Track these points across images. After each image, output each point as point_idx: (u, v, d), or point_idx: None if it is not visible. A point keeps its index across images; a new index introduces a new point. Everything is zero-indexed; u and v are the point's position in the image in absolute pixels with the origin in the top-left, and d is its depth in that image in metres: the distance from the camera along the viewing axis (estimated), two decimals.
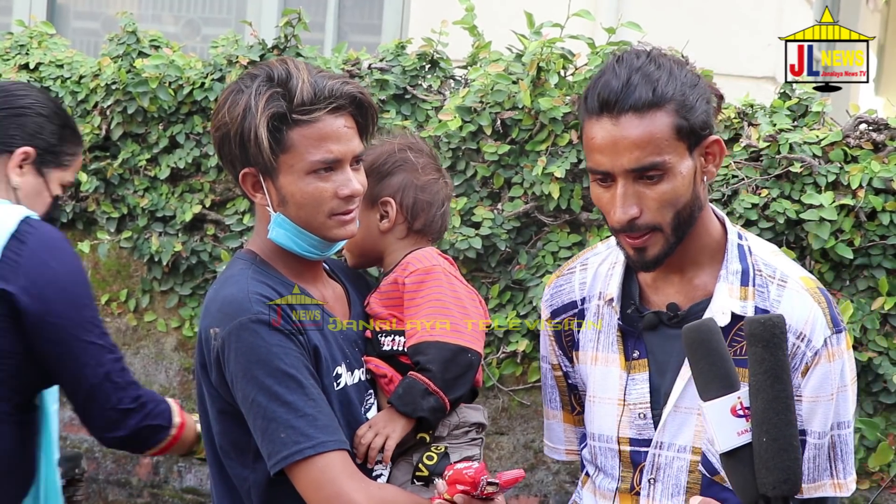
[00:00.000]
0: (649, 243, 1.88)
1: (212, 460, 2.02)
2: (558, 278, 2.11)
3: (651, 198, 1.85)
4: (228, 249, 4.17)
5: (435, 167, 2.20)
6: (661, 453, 1.94)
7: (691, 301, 1.94)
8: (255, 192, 1.99)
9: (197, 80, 4.18)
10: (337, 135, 1.94)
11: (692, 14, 5.42)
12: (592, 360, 2.02)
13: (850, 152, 3.49)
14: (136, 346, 4.45)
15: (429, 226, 2.17)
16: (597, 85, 1.88)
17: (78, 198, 4.40)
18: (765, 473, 1.61)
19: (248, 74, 1.98)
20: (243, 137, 1.93)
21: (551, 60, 3.66)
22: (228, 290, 1.95)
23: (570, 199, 3.72)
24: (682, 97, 1.85)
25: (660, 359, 1.94)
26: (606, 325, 2.00)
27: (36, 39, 4.58)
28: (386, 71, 3.99)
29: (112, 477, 4.49)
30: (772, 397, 1.63)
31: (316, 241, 1.99)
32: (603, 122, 1.85)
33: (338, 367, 2.00)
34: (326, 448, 1.88)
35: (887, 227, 3.43)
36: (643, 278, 1.99)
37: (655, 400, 1.95)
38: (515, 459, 3.91)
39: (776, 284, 1.92)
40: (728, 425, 1.64)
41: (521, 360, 3.84)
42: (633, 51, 1.92)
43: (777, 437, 1.61)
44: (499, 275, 3.83)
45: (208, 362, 1.95)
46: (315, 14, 5.65)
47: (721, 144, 1.91)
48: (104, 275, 4.47)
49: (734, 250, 1.95)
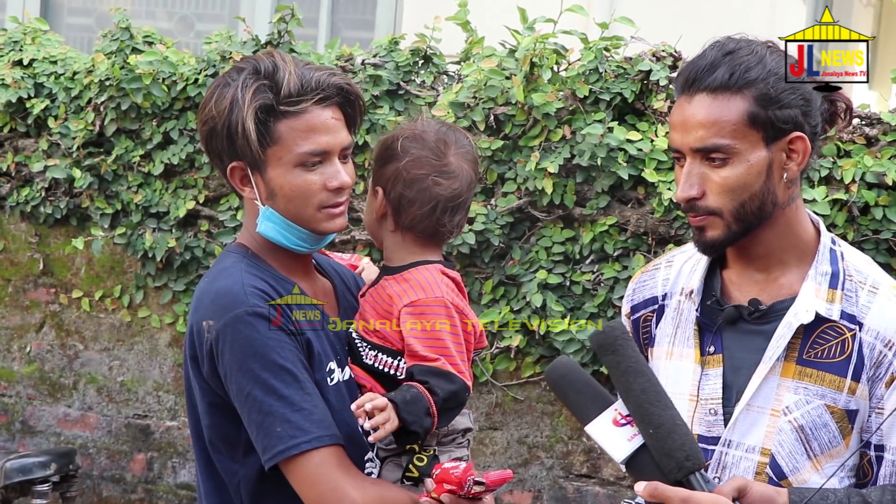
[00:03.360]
0: (707, 224, 1.87)
1: (199, 454, 2.00)
2: (643, 274, 2.09)
3: (714, 181, 1.84)
4: (222, 245, 4.17)
5: (433, 163, 2.03)
6: (728, 452, 1.90)
7: (775, 299, 1.91)
8: (243, 185, 1.97)
9: (190, 77, 4.18)
10: (325, 126, 1.93)
11: (684, 10, 5.43)
12: (667, 356, 1.99)
13: (843, 147, 3.50)
14: (129, 343, 4.45)
15: (416, 225, 2.04)
16: (687, 65, 1.88)
17: (72, 194, 4.40)
18: (666, 461, 1.67)
19: (235, 68, 1.95)
20: (230, 130, 1.91)
21: (544, 56, 3.67)
22: (222, 282, 1.93)
23: (563, 195, 3.73)
24: (766, 86, 1.82)
25: (736, 355, 1.91)
26: (684, 320, 1.97)
27: (29, 36, 4.58)
28: (379, 67, 3.99)
29: (106, 473, 4.50)
30: (640, 391, 1.70)
31: (305, 234, 1.97)
32: (681, 101, 1.87)
33: (330, 362, 1.99)
34: (322, 443, 1.87)
35: (880, 221, 3.43)
36: (727, 275, 1.96)
37: (727, 397, 1.91)
38: (509, 455, 3.91)
39: (867, 291, 1.89)
40: (616, 437, 1.71)
41: (515, 356, 3.84)
42: (736, 36, 1.90)
43: (660, 423, 1.68)
44: (492, 270, 3.83)
45: (200, 355, 1.92)
46: (308, 10, 5.65)
47: (806, 143, 1.86)
48: (98, 271, 4.47)
49: (826, 253, 1.92)
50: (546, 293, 3.73)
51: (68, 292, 4.50)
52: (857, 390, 1.86)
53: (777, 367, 1.87)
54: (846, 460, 1.87)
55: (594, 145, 3.61)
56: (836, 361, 1.86)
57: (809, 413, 1.85)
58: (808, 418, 1.85)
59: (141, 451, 4.44)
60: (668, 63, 3.69)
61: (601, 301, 3.70)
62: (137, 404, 4.45)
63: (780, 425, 1.86)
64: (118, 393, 4.47)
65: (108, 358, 4.48)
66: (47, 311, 4.55)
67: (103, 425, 4.49)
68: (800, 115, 1.85)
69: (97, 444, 4.50)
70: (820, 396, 1.86)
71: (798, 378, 1.87)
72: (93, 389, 4.50)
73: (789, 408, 1.86)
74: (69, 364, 4.53)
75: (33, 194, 4.42)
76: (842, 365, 1.86)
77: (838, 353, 1.86)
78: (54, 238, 4.52)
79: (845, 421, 1.86)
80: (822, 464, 1.87)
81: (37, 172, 4.40)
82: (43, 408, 4.56)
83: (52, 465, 4.07)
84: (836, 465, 1.87)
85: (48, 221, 4.47)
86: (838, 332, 1.87)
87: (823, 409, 1.86)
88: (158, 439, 4.43)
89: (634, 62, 3.68)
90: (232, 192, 4.19)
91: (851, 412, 1.86)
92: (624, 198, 3.72)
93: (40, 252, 4.54)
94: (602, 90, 3.67)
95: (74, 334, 4.52)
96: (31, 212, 4.46)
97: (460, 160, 2.06)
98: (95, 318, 4.48)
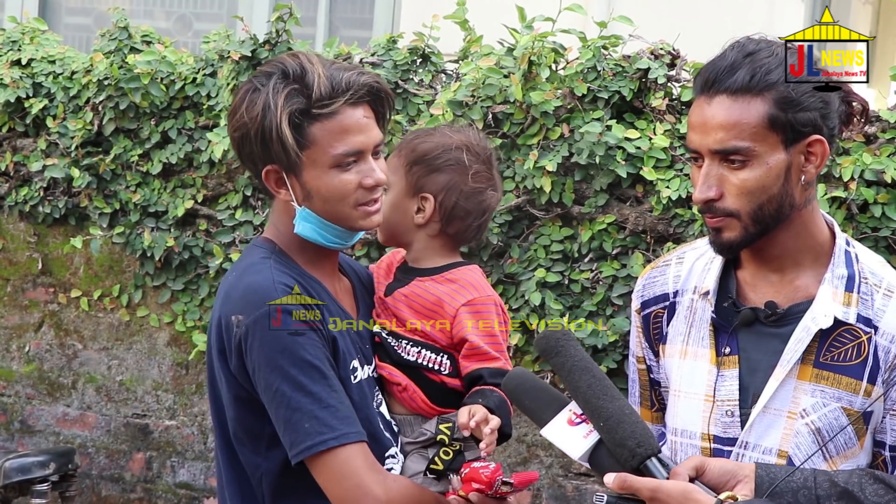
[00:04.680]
0: (724, 225, 1.86)
1: (221, 445, 2.02)
2: (653, 269, 2.08)
3: (732, 183, 1.83)
4: (220, 244, 4.17)
5: (487, 176, 2.12)
6: (745, 453, 1.89)
7: (791, 301, 1.91)
8: (278, 188, 1.98)
9: (189, 76, 4.18)
10: (358, 126, 1.95)
11: (683, 8, 5.43)
12: (681, 354, 1.98)
13: (842, 144, 3.50)
14: (128, 342, 4.44)
15: (462, 233, 2.12)
16: (707, 66, 1.87)
17: (70, 193, 4.40)
18: (620, 451, 1.72)
19: (262, 72, 1.97)
20: (265, 136, 1.92)
21: (542, 54, 3.67)
22: (252, 277, 1.95)
23: (561, 193, 3.73)
24: (786, 89, 1.82)
25: (752, 357, 1.91)
26: (699, 320, 1.97)
27: (28, 35, 4.58)
28: (377, 65, 3.99)
29: (105, 472, 4.50)
30: (586, 387, 1.75)
31: (340, 231, 1.99)
32: (700, 102, 1.86)
33: (353, 360, 2.01)
34: (349, 440, 1.89)
35: (879, 219, 3.43)
36: (742, 275, 1.96)
37: (743, 398, 1.91)
38: (508, 453, 3.91)
39: (882, 294, 1.89)
40: (572, 436, 1.76)
41: (514, 354, 3.84)
42: (756, 36, 1.89)
43: (609, 415, 1.72)
44: (491, 268, 3.83)
45: (228, 349, 1.94)
46: (306, 9, 5.65)
47: (825, 146, 1.86)
48: (96, 270, 4.47)
49: (841, 255, 1.92)
50: (545, 292, 3.73)
51: (67, 292, 4.50)
52: (873, 393, 1.87)
53: (794, 369, 1.87)
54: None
55: (592, 143, 3.61)
56: (853, 364, 1.87)
57: (826, 416, 1.86)
58: (825, 421, 1.86)
59: (140, 451, 4.44)
60: (667, 61, 3.69)
61: (600, 299, 3.70)
62: (136, 403, 4.45)
63: (797, 428, 1.87)
64: (117, 392, 4.47)
65: (107, 357, 4.48)
66: (46, 311, 4.55)
67: (102, 425, 4.49)
68: (818, 117, 1.84)
69: (96, 443, 4.50)
70: (836, 399, 1.86)
71: (815, 381, 1.87)
72: (91, 389, 4.50)
73: (806, 410, 1.87)
74: (68, 363, 4.53)
75: (32, 194, 4.42)
76: (858, 368, 1.87)
77: (854, 357, 1.87)
78: (53, 237, 4.52)
79: (861, 423, 1.87)
80: (837, 465, 1.87)
81: (35, 172, 4.40)
82: (42, 407, 4.56)
83: (51, 464, 4.07)
84: (851, 466, 1.88)
85: (47, 221, 4.47)
86: (854, 335, 1.88)
87: (840, 411, 1.86)
88: (157, 438, 4.43)
89: (633, 60, 3.68)
90: (231, 191, 4.20)
91: (867, 414, 1.87)
92: (622, 196, 3.72)
93: (39, 251, 4.54)
94: (600, 88, 3.67)
95: (73, 334, 4.52)
96: (30, 211, 4.46)
97: (496, 171, 2.18)
98: (94, 317, 4.48)
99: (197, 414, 4.37)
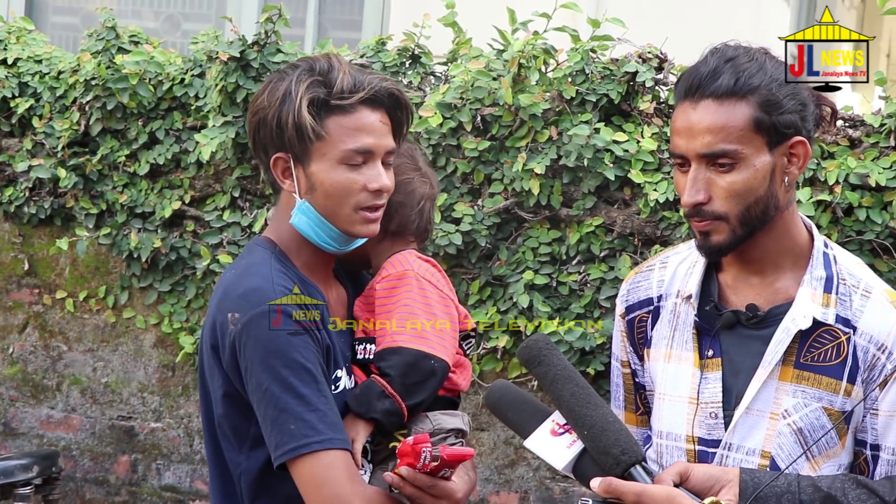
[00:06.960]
0: (712, 228, 1.88)
1: (209, 441, 2.03)
2: (636, 275, 2.09)
3: (720, 186, 1.85)
4: (208, 246, 4.16)
5: (412, 166, 2.17)
6: (729, 455, 1.92)
7: (771, 303, 1.93)
8: (284, 177, 2.00)
9: (177, 76, 4.16)
10: (372, 127, 1.97)
11: (670, 12, 5.45)
12: (665, 358, 2.00)
13: (827, 148, 3.52)
14: (114, 343, 4.42)
15: (405, 226, 2.15)
16: (688, 71, 1.89)
17: (56, 194, 4.37)
18: (604, 458, 1.73)
19: (290, 65, 2.02)
20: (280, 120, 1.96)
21: (533, 56, 3.67)
22: (252, 277, 1.96)
23: (549, 196, 3.73)
24: (769, 92, 1.84)
25: (734, 359, 1.93)
26: (682, 323, 1.99)
27: (14, 35, 4.55)
28: (366, 67, 3.99)
29: (90, 475, 4.47)
30: (569, 396, 1.76)
31: (336, 233, 2.00)
32: (684, 107, 1.87)
33: (339, 370, 2.01)
34: (333, 445, 1.89)
35: (864, 222, 3.45)
36: (723, 278, 1.98)
37: (726, 400, 1.93)
38: (496, 455, 3.92)
39: (860, 295, 1.92)
40: (556, 446, 1.76)
41: (502, 357, 3.85)
42: (732, 43, 1.92)
43: (593, 423, 1.73)
44: (479, 271, 3.84)
45: (222, 346, 1.95)
46: (295, 10, 5.64)
47: (807, 147, 1.89)
48: (82, 271, 4.45)
49: (819, 257, 1.94)
50: (533, 294, 3.73)
51: (52, 293, 4.48)
52: (853, 392, 1.89)
53: (775, 371, 1.89)
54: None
55: (581, 146, 3.61)
56: (832, 365, 1.89)
57: (808, 416, 1.88)
58: (807, 421, 1.88)
59: (125, 453, 4.42)
60: (654, 65, 3.70)
61: (588, 302, 3.70)
62: (122, 406, 4.43)
63: (779, 428, 1.88)
64: (102, 394, 4.45)
65: (93, 359, 4.45)
66: (31, 312, 4.52)
67: (87, 427, 4.47)
68: (798, 119, 1.87)
69: (80, 445, 4.47)
70: (817, 399, 1.88)
71: (796, 382, 1.89)
72: (76, 391, 4.48)
73: (788, 411, 1.89)
74: (53, 365, 4.50)
75: (17, 194, 4.40)
76: (838, 368, 1.89)
77: (834, 357, 1.89)
78: (38, 238, 4.50)
79: (842, 422, 1.88)
80: (819, 464, 1.89)
81: (21, 172, 4.38)
82: (26, 409, 4.54)
83: (35, 467, 4.04)
84: (833, 465, 1.90)
85: (32, 221, 4.44)
86: (833, 335, 1.90)
87: (821, 411, 1.88)
88: (143, 441, 4.41)
89: (621, 63, 3.69)
90: (218, 192, 4.19)
91: (847, 414, 1.88)
92: (610, 199, 3.73)
93: (24, 252, 4.51)
94: (588, 91, 3.68)
95: (58, 335, 4.50)
96: (15, 212, 4.43)
97: (425, 163, 2.23)
98: (80, 318, 4.46)
99: (183, 416, 4.35)
